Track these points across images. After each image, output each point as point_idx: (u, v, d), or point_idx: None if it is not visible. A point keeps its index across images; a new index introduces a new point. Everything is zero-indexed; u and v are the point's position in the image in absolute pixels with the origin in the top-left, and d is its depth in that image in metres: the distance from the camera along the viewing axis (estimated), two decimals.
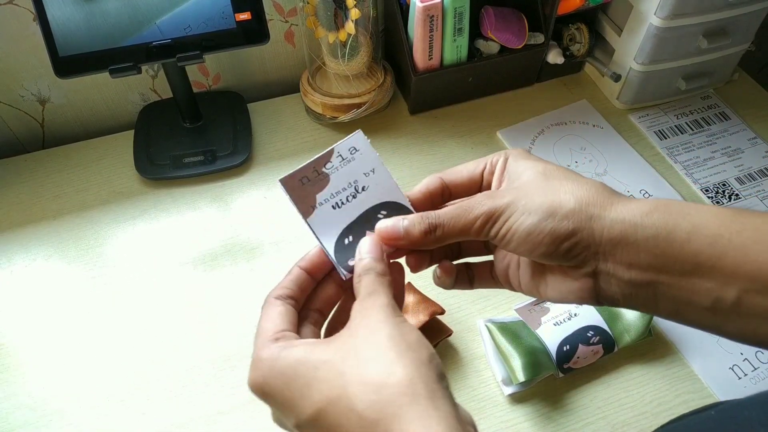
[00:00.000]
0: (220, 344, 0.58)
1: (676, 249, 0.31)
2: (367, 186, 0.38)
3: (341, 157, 0.37)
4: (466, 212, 0.34)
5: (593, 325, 0.54)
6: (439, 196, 0.39)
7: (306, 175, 0.36)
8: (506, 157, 0.37)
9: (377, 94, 0.74)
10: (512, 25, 0.72)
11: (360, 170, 0.38)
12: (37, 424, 0.53)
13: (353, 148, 0.38)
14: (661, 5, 0.65)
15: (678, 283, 0.31)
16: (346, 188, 0.37)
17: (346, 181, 0.37)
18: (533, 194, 0.33)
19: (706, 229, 0.31)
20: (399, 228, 0.35)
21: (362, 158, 0.38)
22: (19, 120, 0.75)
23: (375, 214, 0.38)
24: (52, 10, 0.58)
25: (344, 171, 0.37)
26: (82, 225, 0.67)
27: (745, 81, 0.82)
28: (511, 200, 0.33)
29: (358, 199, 0.38)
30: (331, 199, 0.37)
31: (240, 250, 0.65)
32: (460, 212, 0.34)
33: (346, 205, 0.37)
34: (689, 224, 0.31)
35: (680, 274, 0.31)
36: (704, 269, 0.31)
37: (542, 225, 0.32)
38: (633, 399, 0.54)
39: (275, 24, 0.76)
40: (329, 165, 0.37)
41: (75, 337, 0.58)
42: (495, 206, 0.33)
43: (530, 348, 0.52)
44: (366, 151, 0.38)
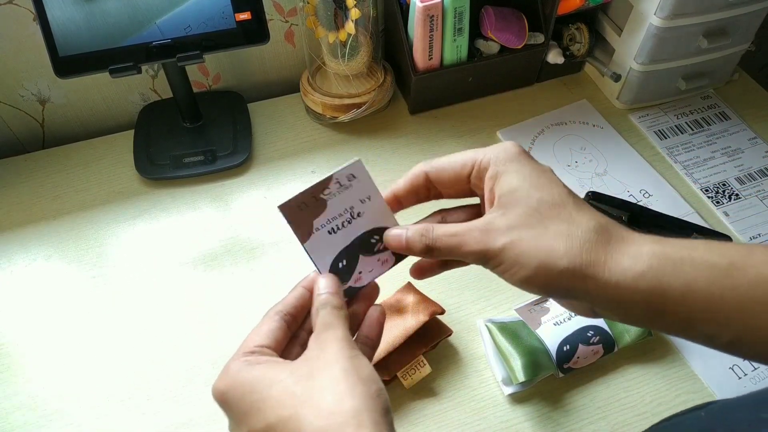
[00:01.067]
0: (220, 344, 0.58)
1: (670, 308, 0.32)
2: (363, 212, 0.39)
3: (339, 184, 0.38)
4: (460, 245, 0.35)
5: (593, 325, 0.54)
6: (424, 189, 0.39)
7: (304, 201, 0.37)
8: (495, 168, 0.36)
9: (377, 94, 0.74)
10: (512, 25, 0.72)
11: (356, 197, 0.39)
12: (37, 424, 0.53)
13: (351, 176, 0.39)
14: (661, 5, 0.65)
15: (672, 328, 0.34)
16: (342, 214, 0.39)
17: (342, 207, 0.39)
18: (528, 241, 0.33)
19: (699, 290, 0.31)
20: (402, 239, 0.38)
21: (359, 185, 0.39)
22: (19, 120, 0.75)
23: (369, 238, 0.40)
24: (52, 10, 0.58)
25: (341, 197, 0.39)
26: (82, 225, 0.67)
27: (745, 81, 0.82)
28: (503, 246, 0.34)
29: (353, 224, 0.39)
30: (327, 224, 0.38)
31: (240, 250, 0.65)
32: (455, 242, 0.35)
33: (342, 230, 0.39)
34: (681, 283, 0.32)
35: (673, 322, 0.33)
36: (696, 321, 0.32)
37: (535, 278, 0.33)
38: (633, 399, 0.54)
39: (275, 24, 0.76)
40: (327, 191, 0.38)
41: (75, 337, 0.58)
42: (488, 248, 0.34)
43: (530, 348, 0.52)
44: (363, 179, 0.39)
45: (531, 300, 0.57)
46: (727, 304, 0.31)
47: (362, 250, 0.40)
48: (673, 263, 0.32)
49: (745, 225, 0.66)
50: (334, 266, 0.39)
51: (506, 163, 0.36)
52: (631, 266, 0.32)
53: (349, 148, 0.74)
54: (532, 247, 0.33)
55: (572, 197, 0.35)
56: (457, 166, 0.38)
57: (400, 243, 0.38)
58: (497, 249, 0.34)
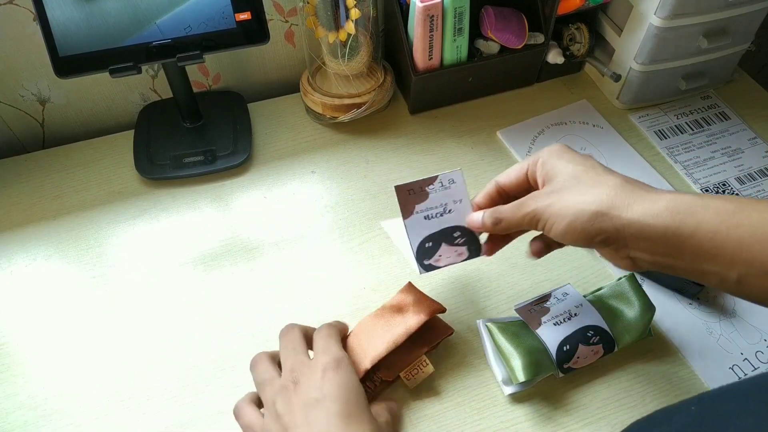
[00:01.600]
0: (220, 344, 0.58)
1: (683, 242, 0.38)
2: (453, 210, 0.50)
3: (441, 183, 0.49)
4: (518, 210, 0.45)
5: (593, 325, 0.54)
6: (498, 196, 0.49)
7: (413, 188, 0.49)
8: (542, 159, 0.45)
9: (377, 94, 0.74)
10: (512, 25, 0.72)
11: (451, 197, 0.50)
12: (37, 424, 0.53)
13: (452, 180, 0.49)
14: (661, 5, 0.65)
15: (689, 266, 0.39)
16: (437, 207, 0.50)
17: (439, 202, 0.49)
18: (566, 198, 0.42)
19: (708, 226, 0.37)
20: (478, 220, 0.48)
21: (456, 189, 0.50)
22: (19, 120, 0.75)
23: (452, 233, 0.51)
24: (52, 10, 0.58)
25: (440, 194, 0.49)
26: (82, 225, 0.67)
27: (745, 81, 0.82)
28: (548, 203, 0.43)
29: (444, 217, 0.50)
30: (424, 211, 0.49)
31: (240, 250, 0.65)
32: (514, 210, 0.45)
33: (434, 219, 0.50)
34: (693, 222, 0.38)
35: (690, 260, 0.38)
36: (707, 257, 0.37)
37: (573, 225, 0.41)
38: (633, 399, 0.54)
39: (275, 24, 0.76)
40: (431, 186, 0.49)
41: (75, 337, 0.59)
42: (536, 208, 0.43)
43: (530, 348, 0.52)
44: (460, 185, 0.50)
45: (531, 300, 0.57)
46: (733, 240, 0.36)
47: (446, 239, 0.50)
48: (687, 205, 0.38)
49: None
50: (421, 244, 0.50)
51: (550, 155, 0.45)
52: (650, 207, 0.39)
53: (349, 148, 0.74)
54: (567, 202, 0.42)
55: (603, 166, 0.43)
56: (517, 168, 0.48)
57: (477, 224, 0.49)
58: (543, 206, 0.43)
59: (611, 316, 0.55)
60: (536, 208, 0.43)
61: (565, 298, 0.56)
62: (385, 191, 0.70)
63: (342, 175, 0.72)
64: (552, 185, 0.44)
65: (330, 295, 0.61)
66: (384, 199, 0.69)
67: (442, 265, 0.52)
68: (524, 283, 0.61)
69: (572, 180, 0.42)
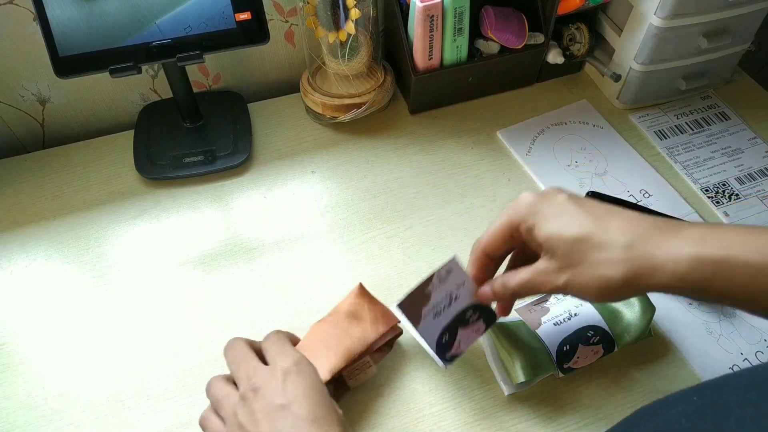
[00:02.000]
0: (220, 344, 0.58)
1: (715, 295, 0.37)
2: (458, 295, 0.49)
3: (439, 278, 0.48)
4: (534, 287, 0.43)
5: (593, 325, 0.54)
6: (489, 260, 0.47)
7: (414, 299, 0.47)
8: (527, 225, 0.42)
9: (377, 94, 0.74)
10: (512, 25, 0.72)
11: (453, 284, 0.48)
12: (37, 424, 0.53)
13: (449, 270, 0.48)
14: (661, 5, 0.65)
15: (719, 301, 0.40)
16: (443, 300, 0.48)
17: (442, 295, 0.48)
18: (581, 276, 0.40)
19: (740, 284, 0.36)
20: (490, 294, 0.47)
21: (455, 276, 0.48)
22: (19, 120, 0.75)
23: (464, 315, 0.50)
24: (52, 10, 0.58)
25: (442, 288, 0.48)
26: (82, 225, 0.67)
27: (745, 81, 0.82)
28: (565, 282, 0.40)
29: (452, 306, 0.49)
30: (432, 310, 0.48)
31: (240, 250, 0.65)
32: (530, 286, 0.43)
33: (443, 312, 0.48)
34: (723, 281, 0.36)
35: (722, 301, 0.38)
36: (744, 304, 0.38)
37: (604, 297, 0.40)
38: (633, 399, 0.54)
39: (275, 24, 0.76)
40: (431, 286, 0.48)
41: (75, 337, 0.59)
42: (556, 286, 0.41)
43: (530, 348, 0.52)
44: (458, 271, 0.48)
45: (531, 300, 0.57)
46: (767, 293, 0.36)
47: (460, 324, 0.50)
48: (714, 266, 0.36)
49: None
50: (438, 341, 0.49)
51: (533, 215, 0.42)
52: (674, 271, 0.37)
53: (349, 148, 0.74)
54: (586, 280, 0.39)
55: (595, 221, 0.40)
56: (504, 236, 0.44)
57: (489, 296, 0.47)
58: (562, 285, 0.41)
59: (611, 316, 0.55)
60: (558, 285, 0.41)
61: (565, 298, 0.56)
62: (385, 191, 0.70)
63: (342, 175, 0.72)
64: (556, 261, 0.41)
65: (330, 295, 0.61)
66: (384, 199, 0.69)
67: (464, 349, 0.51)
68: None
69: (575, 254, 0.40)
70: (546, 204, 0.42)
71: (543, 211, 0.42)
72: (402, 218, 0.67)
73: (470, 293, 0.49)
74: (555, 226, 0.41)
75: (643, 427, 0.37)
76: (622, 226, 0.39)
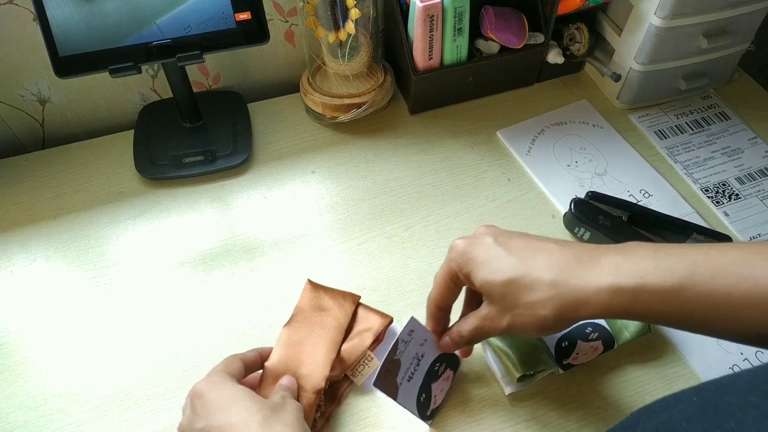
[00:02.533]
0: (219, 344, 0.58)
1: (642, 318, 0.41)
2: (424, 353, 0.49)
3: (404, 342, 0.48)
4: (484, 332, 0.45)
5: (591, 322, 0.54)
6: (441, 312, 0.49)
7: (387, 369, 0.47)
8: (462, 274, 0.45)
9: (377, 94, 0.74)
10: (512, 25, 0.72)
11: (417, 344, 0.49)
12: (37, 424, 0.53)
13: (411, 331, 0.48)
14: (661, 5, 0.65)
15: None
16: (412, 361, 0.49)
17: (410, 357, 0.48)
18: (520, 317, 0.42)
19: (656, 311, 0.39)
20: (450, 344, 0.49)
21: (417, 335, 0.49)
22: (19, 120, 0.75)
23: (433, 368, 0.50)
24: (52, 10, 0.58)
25: (408, 350, 0.48)
26: (82, 225, 0.67)
27: (745, 81, 0.82)
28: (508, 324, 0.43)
29: (421, 365, 0.49)
30: (404, 375, 0.48)
31: (240, 250, 0.65)
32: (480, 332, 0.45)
33: (415, 374, 0.49)
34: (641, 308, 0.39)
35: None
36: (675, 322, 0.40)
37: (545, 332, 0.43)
38: (633, 399, 0.54)
39: (275, 24, 0.76)
40: (398, 352, 0.48)
41: (75, 337, 0.59)
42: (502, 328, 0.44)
43: (528, 345, 0.53)
44: (419, 329, 0.49)
45: None
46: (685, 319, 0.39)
47: (432, 379, 0.50)
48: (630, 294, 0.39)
49: (745, 225, 0.66)
50: (418, 403, 0.49)
51: (466, 263, 0.44)
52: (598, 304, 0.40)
53: (349, 148, 0.74)
54: (524, 320, 0.42)
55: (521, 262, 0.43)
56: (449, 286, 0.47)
57: (450, 346, 0.49)
58: (506, 327, 0.43)
59: None
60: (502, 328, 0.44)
61: None
62: (385, 191, 0.70)
63: (342, 175, 0.72)
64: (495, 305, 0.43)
65: None
66: (384, 200, 0.69)
67: (440, 401, 0.52)
68: None
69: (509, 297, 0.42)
70: (476, 249, 0.44)
71: (474, 257, 0.44)
72: (402, 218, 0.67)
73: (433, 347, 0.50)
74: (486, 273, 0.43)
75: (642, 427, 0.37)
76: (547, 263, 0.42)
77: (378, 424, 0.52)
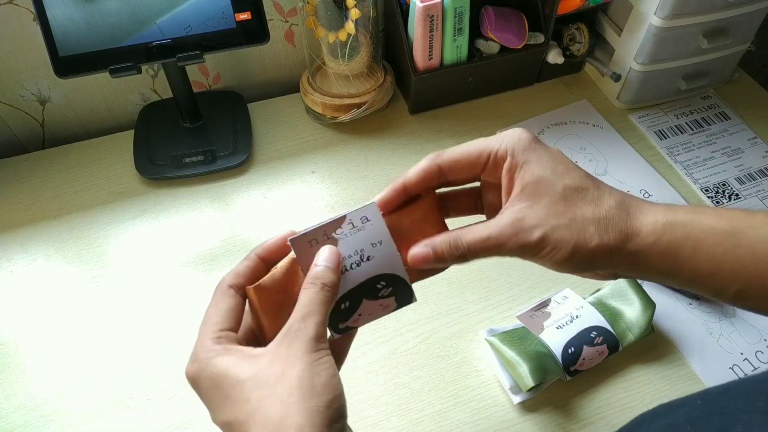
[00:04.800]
0: None
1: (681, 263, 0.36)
2: (372, 256, 0.38)
3: (352, 224, 0.38)
4: (498, 246, 0.36)
5: (596, 326, 0.54)
6: (435, 179, 0.39)
7: (315, 238, 0.37)
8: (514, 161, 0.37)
9: (377, 94, 0.74)
10: (512, 25, 0.72)
11: (368, 240, 0.38)
12: (37, 424, 0.53)
13: (365, 218, 0.38)
14: (661, 5, 0.65)
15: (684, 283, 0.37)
16: (352, 255, 0.38)
17: (353, 249, 0.38)
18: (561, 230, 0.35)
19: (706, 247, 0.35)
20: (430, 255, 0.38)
21: (372, 228, 0.38)
22: (19, 120, 0.75)
23: (375, 284, 0.38)
24: (52, 10, 0.58)
25: (353, 239, 0.38)
26: (82, 225, 0.67)
27: (745, 81, 0.82)
28: (540, 238, 0.35)
29: (362, 267, 0.38)
30: None
31: (240, 250, 0.65)
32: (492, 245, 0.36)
33: (350, 272, 0.38)
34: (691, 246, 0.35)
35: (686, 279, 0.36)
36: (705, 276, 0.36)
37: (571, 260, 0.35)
38: (633, 399, 0.54)
39: (275, 24, 0.76)
40: (339, 231, 0.37)
41: (75, 337, 0.58)
42: (526, 243, 0.35)
43: (535, 353, 0.52)
44: (376, 223, 0.38)
45: (532, 306, 0.57)
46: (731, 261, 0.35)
47: (367, 294, 0.39)
48: (683, 227, 0.36)
49: None
50: (336, 307, 0.38)
51: (523, 153, 0.37)
52: (649, 234, 0.36)
53: (349, 148, 0.74)
54: (566, 235, 0.35)
55: (590, 178, 0.37)
56: (472, 157, 0.38)
57: (428, 259, 0.38)
58: (534, 242, 0.35)
59: (612, 316, 0.55)
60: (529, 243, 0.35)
61: (565, 301, 0.56)
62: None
63: (342, 175, 0.72)
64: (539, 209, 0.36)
65: None
66: None
67: (362, 324, 0.39)
68: (524, 283, 0.61)
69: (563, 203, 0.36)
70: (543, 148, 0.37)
71: (539, 153, 0.37)
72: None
73: (388, 258, 0.38)
74: (548, 171, 0.36)
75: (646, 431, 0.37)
76: (610, 188, 0.37)
77: None
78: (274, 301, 0.38)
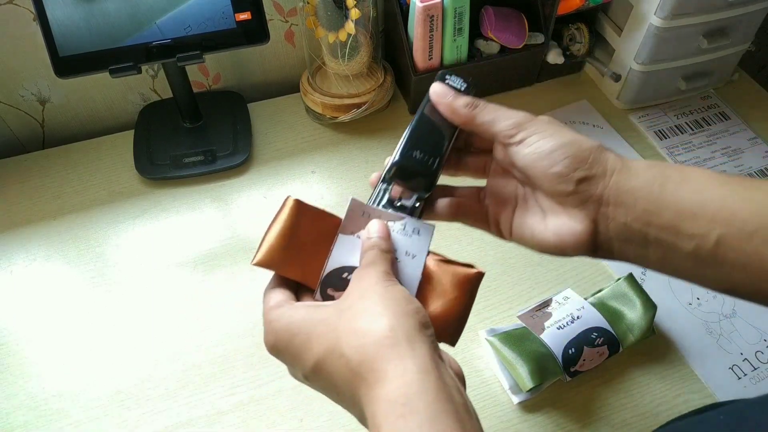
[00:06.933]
0: (220, 344, 0.58)
1: (667, 195, 0.35)
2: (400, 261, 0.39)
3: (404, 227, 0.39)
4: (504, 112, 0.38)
5: (596, 327, 0.54)
6: None
7: (370, 213, 0.40)
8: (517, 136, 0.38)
9: (377, 94, 0.74)
10: (512, 25, 0.72)
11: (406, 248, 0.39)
12: (37, 424, 0.53)
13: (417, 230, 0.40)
14: (661, 5, 0.65)
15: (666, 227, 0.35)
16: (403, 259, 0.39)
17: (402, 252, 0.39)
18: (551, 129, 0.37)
19: (694, 182, 0.35)
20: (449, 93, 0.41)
21: (416, 242, 0.39)
22: (19, 120, 0.75)
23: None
24: (52, 10, 0.58)
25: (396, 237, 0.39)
26: (82, 225, 0.67)
27: (745, 81, 0.82)
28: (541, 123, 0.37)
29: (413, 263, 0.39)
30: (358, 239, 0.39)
31: (240, 250, 0.65)
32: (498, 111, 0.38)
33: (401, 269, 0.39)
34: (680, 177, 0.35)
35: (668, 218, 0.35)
36: (687, 215, 0.34)
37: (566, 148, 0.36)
38: (633, 400, 0.54)
39: (275, 24, 0.76)
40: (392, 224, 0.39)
41: (75, 337, 0.58)
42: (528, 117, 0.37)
43: (536, 354, 0.52)
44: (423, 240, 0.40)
45: (533, 306, 0.56)
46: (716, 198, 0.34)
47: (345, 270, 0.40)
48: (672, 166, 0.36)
49: None
50: (336, 270, 0.39)
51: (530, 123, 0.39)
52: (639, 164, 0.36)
53: (349, 148, 0.74)
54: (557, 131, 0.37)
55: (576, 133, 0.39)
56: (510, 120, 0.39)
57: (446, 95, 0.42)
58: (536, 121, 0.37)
59: (613, 316, 0.55)
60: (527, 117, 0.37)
61: (566, 302, 0.56)
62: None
63: (342, 175, 0.72)
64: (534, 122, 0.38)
65: None
66: None
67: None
68: (524, 283, 0.61)
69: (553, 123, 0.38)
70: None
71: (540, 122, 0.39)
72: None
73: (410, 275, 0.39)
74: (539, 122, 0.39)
75: None
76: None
77: None
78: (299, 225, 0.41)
